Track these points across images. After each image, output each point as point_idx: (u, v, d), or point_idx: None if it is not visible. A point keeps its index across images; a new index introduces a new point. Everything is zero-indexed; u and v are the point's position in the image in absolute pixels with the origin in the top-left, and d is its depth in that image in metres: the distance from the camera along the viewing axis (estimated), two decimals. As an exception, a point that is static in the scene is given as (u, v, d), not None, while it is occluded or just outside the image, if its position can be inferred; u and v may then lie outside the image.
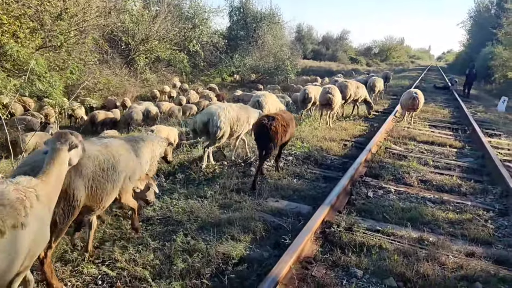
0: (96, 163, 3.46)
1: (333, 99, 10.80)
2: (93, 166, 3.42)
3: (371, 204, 5.74)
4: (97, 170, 3.45)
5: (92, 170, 3.39)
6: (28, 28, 14.50)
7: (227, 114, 6.90)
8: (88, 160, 3.38)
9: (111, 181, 3.60)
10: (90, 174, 3.36)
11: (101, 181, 3.48)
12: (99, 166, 3.48)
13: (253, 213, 4.98)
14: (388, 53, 75.64)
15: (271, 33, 38.93)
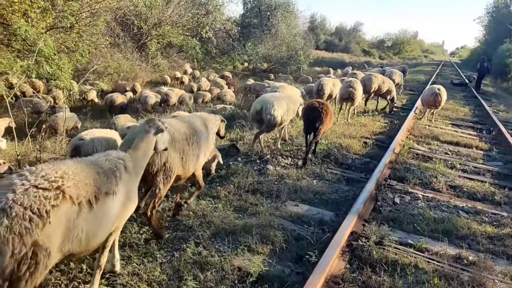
0: (184, 138, 4.09)
1: (355, 93, 10.27)
2: (183, 141, 4.05)
3: (399, 212, 5.26)
4: (185, 145, 4.08)
5: (182, 145, 4.03)
6: (39, 8, 14.07)
7: (280, 102, 7.00)
8: (179, 136, 4.03)
9: (195, 154, 4.25)
10: (181, 148, 4.02)
11: (189, 154, 4.13)
12: (187, 141, 4.12)
13: (271, 219, 4.52)
14: (401, 46, 74.25)
15: (285, 22, 38.12)
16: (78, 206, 2.47)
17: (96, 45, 18.35)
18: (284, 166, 6.55)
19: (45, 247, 2.28)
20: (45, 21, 14.36)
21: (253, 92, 22.03)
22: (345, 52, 62.89)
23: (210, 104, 15.79)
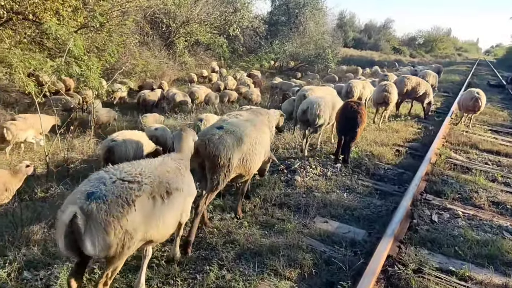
0: (250, 140, 4.39)
1: (390, 97, 9.91)
2: (249, 143, 4.36)
3: (437, 232, 4.91)
4: (250, 146, 4.37)
5: (248, 147, 4.34)
6: (71, 7, 14.21)
7: (326, 103, 7.09)
8: (246, 138, 4.32)
9: (258, 153, 4.54)
10: (245, 150, 4.30)
11: (251, 154, 4.40)
12: (251, 142, 4.40)
13: (299, 238, 4.26)
14: (434, 44, 72.10)
15: (314, 20, 37.52)
16: (153, 199, 2.88)
17: (125, 43, 18.46)
18: (312, 177, 6.26)
19: (132, 231, 2.69)
20: (76, 20, 14.50)
21: (280, 92, 21.75)
22: (375, 50, 61.61)
23: (236, 105, 15.56)
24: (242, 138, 4.24)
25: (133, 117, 15.74)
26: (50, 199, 5.47)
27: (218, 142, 4.06)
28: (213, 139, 4.07)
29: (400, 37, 75.05)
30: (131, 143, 8.07)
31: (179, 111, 15.95)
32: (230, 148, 4.08)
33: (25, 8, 12.81)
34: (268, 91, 22.55)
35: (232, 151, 4.09)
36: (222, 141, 4.07)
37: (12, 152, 9.89)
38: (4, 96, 13.08)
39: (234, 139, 4.17)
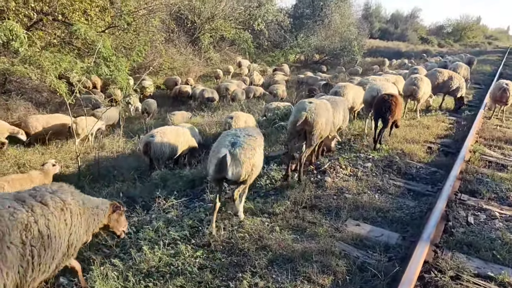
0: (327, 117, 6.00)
1: (418, 92, 9.68)
2: (325, 118, 5.89)
3: (473, 234, 4.74)
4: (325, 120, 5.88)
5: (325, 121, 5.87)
6: (98, 7, 14.46)
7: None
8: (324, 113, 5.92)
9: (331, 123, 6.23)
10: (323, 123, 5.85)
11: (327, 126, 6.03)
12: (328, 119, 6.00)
13: (332, 243, 4.19)
14: (463, 32, 69.70)
15: (339, 12, 36.95)
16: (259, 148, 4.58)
17: (151, 42, 18.67)
18: (342, 178, 6.16)
19: (254, 166, 4.39)
20: (103, 19, 14.75)
21: (306, 86, 21.54)
22: (401, 41, 60.22)
23: (262, 102, 15.51)
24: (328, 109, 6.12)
25: (161, 114, 15.96)
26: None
27: (315, 112, 5.70)
28: (312, 110, 5.71)
29: (428, 26, 73.21)
30: (168, 139, 8.34)
31: (205, 108, 16.03)
32: (321, 116, 5.79)
33: (54, 9, 13.12)
34: (294, 86, 22.40)
35: (322, 118, 5.78)
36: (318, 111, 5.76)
37: (46, 152, 10.17)
38: (36, 96, 13.46)
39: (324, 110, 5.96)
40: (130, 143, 11.28)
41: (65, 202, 3.03)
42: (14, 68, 9.43)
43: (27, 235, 2.68)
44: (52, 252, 2.86)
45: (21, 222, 2.68)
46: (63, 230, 2.94)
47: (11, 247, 2.57)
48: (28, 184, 6.36)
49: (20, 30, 8.65)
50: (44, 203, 2.89)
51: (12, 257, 2.57)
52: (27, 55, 9.34)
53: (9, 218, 2.63)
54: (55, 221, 2.89)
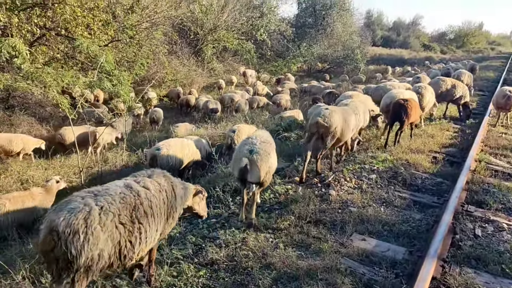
0: (343, 122, 6.55)
1: (422, 100, 9.66)
2: (341, 123, 6.47)
3: (481, 247, 4.66)
4: (340, 125, 6.48)
5: (340, 125, 6.45)
6: (101, 21, 14.54)
7: None
8: (339, 119, 6.50)
9: (349, 127, 6.82)
10: (338, 126, 6.43)
11: (343, 129, 6.57)
12: (343, 124, 6.58)
13: (337, 260, 4.12)
14: (465, 39, 69.68)
15: (341, 21, 37.07)
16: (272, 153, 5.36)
17: (154, 54, 18.75)
18: (347, 191, 6.09)
19: (270, 168, 5.19)
20: (106, 33, 14.82)
21: (310, 95, 21.50)
22: (404, 48, 60.32)
23: (265, 112, 15.47)
24: (343, 115, 6.64)
25: (164, 126, 15.95)
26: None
27: (329, 117, 6.30)
28: (326, 115, 6.33)
29: (430, 33, 73.29)
30: (174, 151, 8.36)
31: (208, 119, 16.01)
32: (336, 121, 6.35)
33: (57, 24, 13.20)
34: (298, 95, 22.38)
35: (337, 123, 6.36)
36: (332, 117, 6.35)
37: (49, 167, 10.17)
38: (39, 111, 13.50)
39: (339, 115, 6.53)
40: (133, 157, 11.25)
41: (161, 184, 3.60)
42: (17, 84, 9.47)
43: (136, 215, 3.19)
44: (155, 226, 3.41)
45: (130, 204, 3.18)
46: (162, 208, 3.51)
47: (119, 227, 3.04)
48: (30, 201, 6.34)
49: (22, 47, 8.70)
50: (146, 188, 3.42)
51: (121, 234, 3.07)
52: (30, 71, 9.38)
53: (119, 202, 3.11)
54: (155, 201, 3.42)
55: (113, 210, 3.02)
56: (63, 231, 2.72)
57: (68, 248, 2.72)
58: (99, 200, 3.00)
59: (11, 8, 11.20)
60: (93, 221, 2.84)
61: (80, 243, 2.76)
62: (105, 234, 2.92)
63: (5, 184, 8.50)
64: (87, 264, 2.84)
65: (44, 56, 13.30)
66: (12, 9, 11.22)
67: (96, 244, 2.84)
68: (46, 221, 2.83)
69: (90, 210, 2.87)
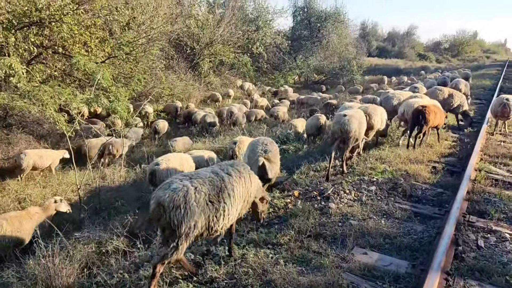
0: (360, 125, 7.61)
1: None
2: (358, 126, 7.48)
3: (485, 259, 4.60)
4: (358, 127, 7.46)
5: (357, 128, 7.47)
6: (98, 38, 14.58)
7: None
8: (356, 122, 7.47)
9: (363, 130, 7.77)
10: (356, 130, 7.40)
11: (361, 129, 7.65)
12: (361, 122, 7.66)
13: (339, 275, 4.05)
14: (460, 48, 70.26)
15: (336, 32, 37.42)
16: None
17: (151, 69, 18.79)
18: (347, 203, 6.03)
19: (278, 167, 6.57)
20: (103, 50, 14.85)
21: (307, 107, 21.54)
22: (399, 58, 60.80)
23: (263, 125, 15.45)
24: (359, 119, 7.58)
25: (162, 141, 15.92)
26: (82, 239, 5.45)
27: (348, 123, 7.26)
28: (345, 122, 7.26)
29: (425, 43, 73.92)
30: (173, 166, 8.36)
31: (206, 133, 15.99)
32: (354, 125, 7.31)
33: (54, 43, 13.23)
34: (295, 107, 22.42)
35: (356, 127, 7.33)
36: (351, 122, 7.32)
37: (46, 185, 10.10)
38: (37, 129, 13.45)
39: (356, 119, 7.48)
40: (131, 173, 11.19)
41: (241, 172, 4.19)
42: (14, 103, 9.45)
43: (221, 196, 3.85)
44: (235, 206, 4.01)
45: (217, 186, 3.85)
46: (241, 192, 4.10)
47: (209, 204, 3.72)
48: (27, 220, 6.26)
49: (18, 66, 8.69)
50: (229, 174, 4.06)
51: (210, 210, 3.74)
52: (27, 89, 9.37)
53: (209, 184, 3.79)
54: (236, 186, 4.03)
55: (204, 190, 3.72)
56: (168, 206, 3.47)
57: (171, 219, 3.47)
58: (193, 182, 3.71)
59: (8, 28, 11.22)
60: (190, 198, 3.56)
61: (181, 215, 3.49)
62: (199, 209, 3.62)
63: (3, 203, 8.42)
64: (186, 232, 3.57)
65: (41, 74, 13.28)
66: (9, 28, 11.24)
67: (193, 216, 3.56)
68: (155, 198, 3.57)
69: (188, 189, 3.59)
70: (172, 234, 3.56)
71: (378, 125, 8.64)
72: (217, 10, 29.72)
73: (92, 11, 14.16)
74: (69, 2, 12.69)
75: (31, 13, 11.67)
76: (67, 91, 9.95)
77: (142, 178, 10.43)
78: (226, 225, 3.99)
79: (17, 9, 11.76)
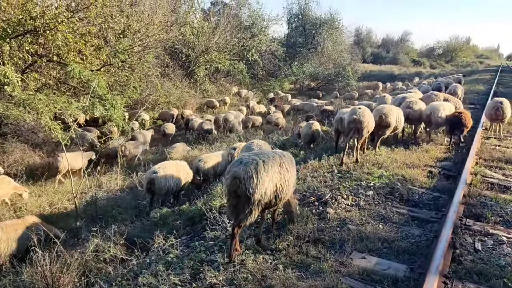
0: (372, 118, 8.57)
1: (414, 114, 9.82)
2: (371, 119, 8.49)
3: (482, 262, 4.61)
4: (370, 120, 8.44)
5: (370, 120, 8.42)
6: (93, 46, 14.59)
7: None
8: (369, 116, 8.43)
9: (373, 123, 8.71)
10: (369, 121, 8.41)
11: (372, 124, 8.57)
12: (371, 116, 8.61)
13: (338, 280, 4.05)
14: (454, 53, 70.89)
15: (331, 39, 37.68)
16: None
17: (147, 77, 18.81)
18: (345, 208, 6.04)
19: None
20: (99, 58, 14.87)
21: (303, 113, 21.61)
22: (394, 64, 61.24)
23: (260, 132, 15.48)
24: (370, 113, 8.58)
25: (158, 148, 15.91)
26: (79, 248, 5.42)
27: (362, 115, 8.23)
28: (360, 113, 8.21)
29: (419, 49, 74.52)
30: (171, 173, 8.47)
31: (202, 140, 15.99)
32: (367, 117, 8.26)
33: (49, 51, 13.23)
34: (290, 114, 22.48)
35: (368, 119, 8.31)
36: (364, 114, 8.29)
37: (42, 194, 10.05)
38: (32, 138, 13.40)
39: (368, 113, 8.45)
40: (127, 181, 11.16)
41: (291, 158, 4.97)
42: (9, 111, 9.42)
43: (282, 169, 4.57)
44: (289, 181, 4.72)
45: (278, 161, 4.58)
46: (292, 172, 4.83)
47: (275, 174, 4.45)
48: (23, 229, 6.22)
49: (12, 75, 8.68)
50: (281, 155, 4.78)
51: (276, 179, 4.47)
52: (21, 98, 9.35)
53: (272, 159, 4.53)
54: (290, 163, 4.81)
55: (270, 163, 4.42)
56: (243, 177, 4.14)
57: (247, 188, 4.13)
58: (260, 157, 4.42)
59: (2, 36, 11.21)
60: (260, 169, 4.25)
61: (254, 184, 4.16)
62: (268, 178, 4.31)
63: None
64: (258, 199, 4.22)
65: (36, 82, 13.26)
66: (3, 37, 11.24)
67: (264, 184, 4.24)
68: (230, 173, 4.27)
69: (257, 162, 4.29)
70: (247, 202, 4.17)
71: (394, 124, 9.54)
72: (212, 17, 29.90)
73: (87, 19, 14.16)
74: (64, 10, 12.71)
75: (26, 21, 11.68)
76: (62, 99, 9.95)
77: (138, 186, 10.41)
78: (284, 197, 4.68)
79: (12, 17, 11.77)
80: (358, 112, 8.31)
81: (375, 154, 9.14)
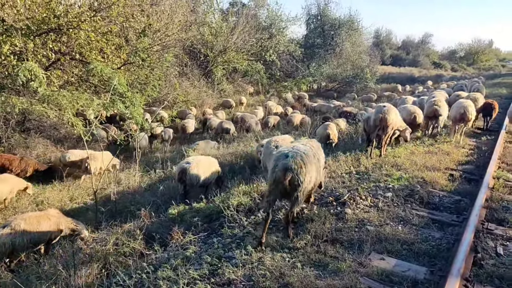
0: (397, 116, 8.97)
1: (440, 111, 9.82)
2: (395, 117, 8.86)
3: (504, 266, 4.52)
4: (394, 117, 8.85)
5: (394, 118, 8.79)
6: (114, 45, 14.79)
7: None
8: (394, 113, 8.81)
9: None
10: (394, 119, 8.77)
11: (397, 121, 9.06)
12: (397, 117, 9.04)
13: (356, 279, 4.02)
14: (476, 56, 69.57)
15: (350, 40, 37.34)
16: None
17: (165, 76, 18.98)
18: (363, 209, 5.99)
19: None
20: (119, 56, 15.06)
21: (320, 114, 21.51)
22: (414, 66, 60.36)
23: (277, 132, 15.47)
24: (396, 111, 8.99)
25: (176, 147, 16.05)
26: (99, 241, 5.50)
27: (387, 113, 8.58)
28: (385, 111, 8.55)
29: (440, 51, 73.32)
30: (203, 166, 8.67)
31: (220, 139, 16.07)
32: (391, 115, 8.63)
33: (71, 49, 13.46)
34: (308, 115, 22.38)
35: (393, 117, 8.69)
36: (390, 112, 8.63)
37: (63, 189, 10.22)
38: (54, 133, 13.67)
39: (393, 111, 8.85)
40: (146, 177, 11.28)
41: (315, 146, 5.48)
42: (33, 107, 9.62)
43: (315, 159, 5.05)
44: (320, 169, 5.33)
45: (313, 153, 5.07)
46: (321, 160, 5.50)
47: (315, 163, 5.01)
48: (46, 221, 6.34)
49: (38, 71, 8.86)
50: (311, 147, 5.22)
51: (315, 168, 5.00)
52: (46, 94, 9.54)
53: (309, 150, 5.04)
54: (320, 153, 5.48)
55: (310, 154, 4.95)
56: (294, 168, 4.59)
57: (298, 176, 4.60)
58: (300, 149, 4.89)
59: (27, 34, 11.46)
60: (306, 160, 4.75)
61: (304, 173, 4.65)
62: (311, 167, 4.82)
63: (21, 206, 8.56)
64: (305, 186, 4.72)
65: (58, 80, 13.51)
66: (28, 34, 11.47)
67: (310, 172, 4.77)
68: (279, 166, 4.64)
69: (301, 154, 4.76)
70: (295, 189, 4.64)
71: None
72: (231, 18, 29.97)
73: (108, 18, 14.35)
74: (87, 9, 12.92)
75: (50, 20, 11.90)
76: (84, 96, 10.10)
77: (156, 183, 10.52)
78: (316, 183, 5.29)
79: (36, 15, 12.00)
80: (383, 110, 8.62)
81: (394, 156, 9.05)
